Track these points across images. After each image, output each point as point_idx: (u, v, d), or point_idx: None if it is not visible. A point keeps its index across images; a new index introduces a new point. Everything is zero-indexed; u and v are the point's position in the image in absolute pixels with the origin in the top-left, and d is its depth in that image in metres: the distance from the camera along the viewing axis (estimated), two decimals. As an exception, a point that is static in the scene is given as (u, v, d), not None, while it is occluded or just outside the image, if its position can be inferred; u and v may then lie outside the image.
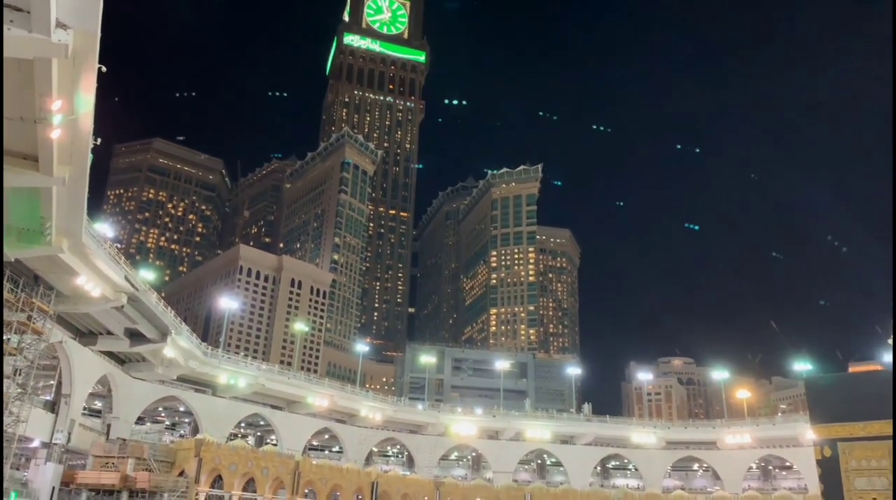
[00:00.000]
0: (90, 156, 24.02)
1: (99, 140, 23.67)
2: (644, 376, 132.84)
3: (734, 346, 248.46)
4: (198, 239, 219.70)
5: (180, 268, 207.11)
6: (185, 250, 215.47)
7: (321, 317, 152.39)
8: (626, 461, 74.78)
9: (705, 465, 73.03)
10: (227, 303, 74.10)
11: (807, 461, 44.35)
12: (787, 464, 68.58)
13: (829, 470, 17.73)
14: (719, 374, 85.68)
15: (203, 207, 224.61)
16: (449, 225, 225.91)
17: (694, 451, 72.29)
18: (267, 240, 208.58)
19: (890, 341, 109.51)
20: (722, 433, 71.45)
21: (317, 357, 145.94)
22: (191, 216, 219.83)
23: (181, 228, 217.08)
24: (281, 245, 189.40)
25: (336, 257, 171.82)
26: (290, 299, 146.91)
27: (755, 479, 72.05)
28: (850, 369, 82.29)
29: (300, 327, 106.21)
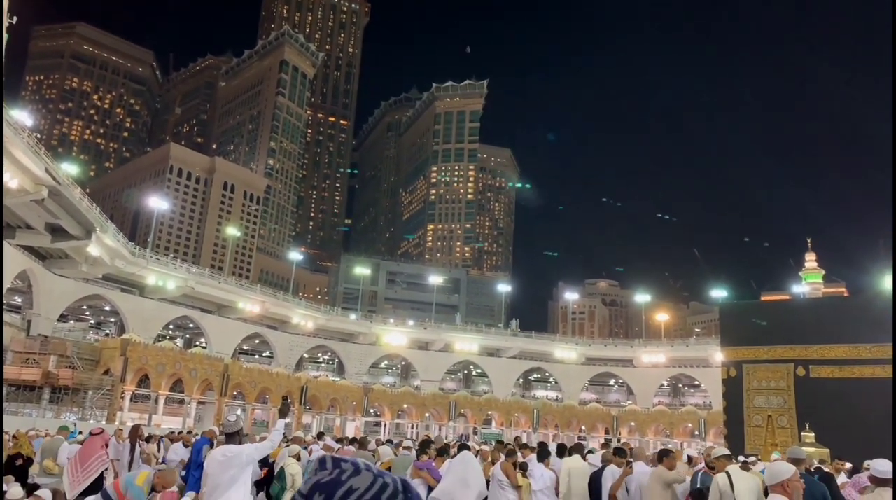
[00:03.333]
0: (5, 35, 22.21)
1: (15, 19, 21.85)
2: (570, 295, 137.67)
3: (658, 272, 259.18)
4: (126, 135, 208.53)
5: (107, 164, 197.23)
6: (111, 145, 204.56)
7: (254, 223, 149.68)
8: (547, 374, 78.38)
9: (621, 381, 77.36)
10: (157, 203, 71.71)
11: (713, 381, 47.63)
12: (696, 383, 73.37)
13: (733, 389, 19.03)
14: (641, 297, 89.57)
15: (132, 101, 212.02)
16: (390, 137, 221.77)
17: (611, 368, 76.36)
18: (199, 140, 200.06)
19: (801, 274, 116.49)
20: (639, 351, 75.59)
21: (249, 263, 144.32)
22: (118, 110, 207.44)
23: (108, 122, 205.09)
24: (214, 146, 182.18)
25: (272, 162, 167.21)
26: (223, 203, 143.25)
27: (665, 395, 77.04)
28: (762, 298, 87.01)
29: (232, 231, 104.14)
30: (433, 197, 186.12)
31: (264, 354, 71.21)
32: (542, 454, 9.98)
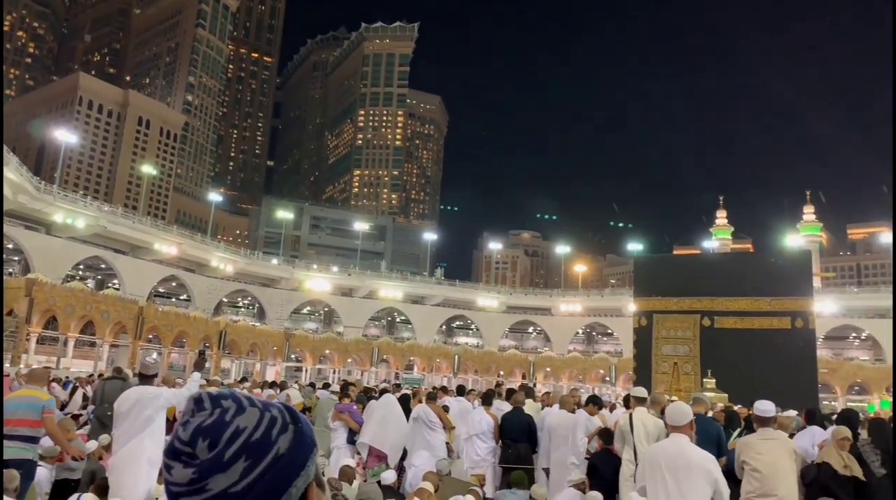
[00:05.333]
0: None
1: None
2: (494, 246, 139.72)
3: (578, 225, 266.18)
4: (28, 61, 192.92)
5: (8, 92, 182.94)
6: (13, 71, 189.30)
7: (171, 161, 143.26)
8: (469, 321, 79.97)
9: (539, 328, 79.84)
10: (65, 136, 67.37)
11: (625, 329, 49.87)
12: (609, 331, 76.58)
13: (643, 337, 19.97)
14: (562, 248, 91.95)
15: (35, 25, 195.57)
16: (316, 77, 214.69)
17: (531, 316, 78.62)
18: (111, 71, 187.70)
19: (712, 230, 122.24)
20: (557, 301, 78.10)
21: (165, 203, 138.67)
22: (20, 33, 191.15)
23: (8, 46, 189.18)
24: (128, 78, 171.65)
25: (190, 97, 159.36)
26: (137, 139, 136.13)
27: (580, 343, 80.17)
28: (674, 252, 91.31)
29: (147, 169, 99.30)
30: (360, 142, 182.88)
31: (182, 297, 69.29)
32: (487, 399, 10.27)
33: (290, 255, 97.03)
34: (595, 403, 9.85)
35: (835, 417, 10.72)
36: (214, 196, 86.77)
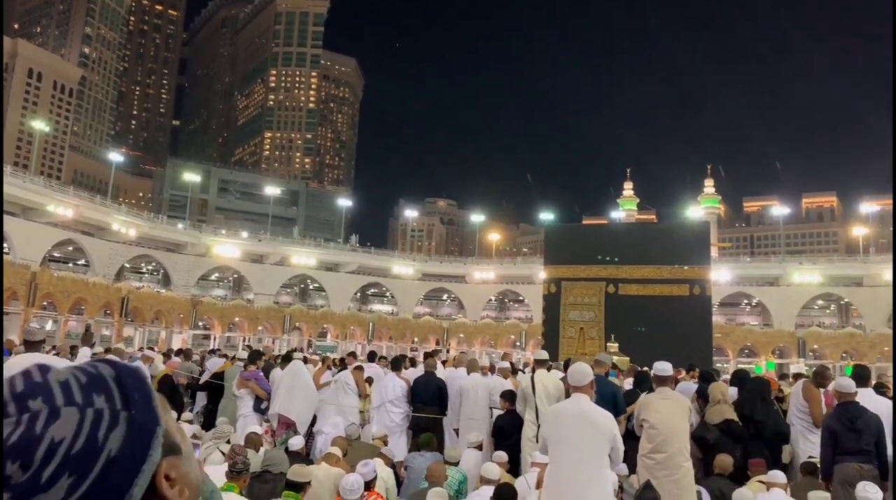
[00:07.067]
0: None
1: None
2: (410, 213, 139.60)
3: (493, 194, 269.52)
4: None
5: None
6: None
7: (66, 118, 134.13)
8: (384, 289, 79.92)
9: (453, 295, 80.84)
10: (-59, 86, 61.65)
11: (536, 296, 51.24)
12: (521, 298, 78.45)
13: (552, 304, 20.58)
14: (476, 217, 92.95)
15: None
16: (225, 33, 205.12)
17: (445, 283, 79.42)
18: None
19: (619, 201, 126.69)
20: (471, 268, 79.18)
21: (61, 163, 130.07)
22: None
23: None
24: (16, 27, 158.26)
25: (87, 50, 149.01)
26: (27, 93, 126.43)
27: (493, 309, 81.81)
28: (584, 222, 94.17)
29: (39, 125, 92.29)
30: (272, 103, 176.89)
31: (79, 262, 65.50)
32: (396, 365, 10.31)
33: (196, 219, 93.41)
34: (511, 368, 10.12)
35: (728, 377, 11.48)
36: (115, 156, 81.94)
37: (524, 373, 12.23)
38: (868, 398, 6.81)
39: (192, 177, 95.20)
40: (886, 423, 6.36)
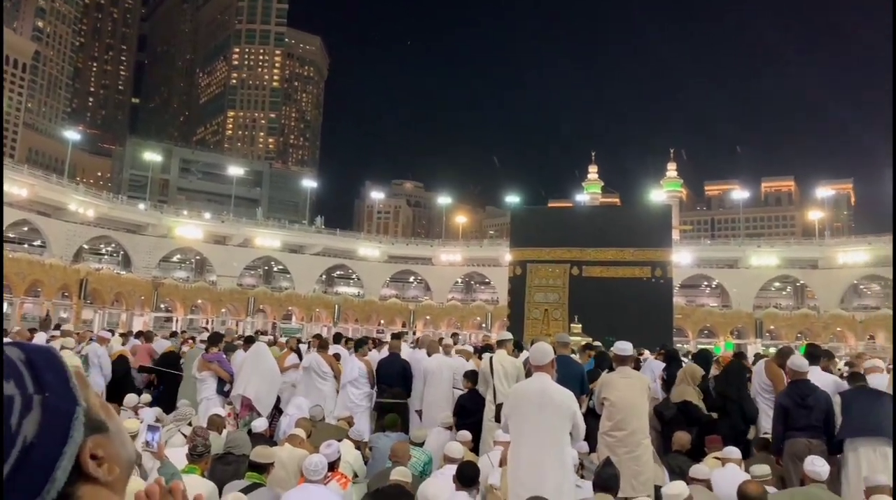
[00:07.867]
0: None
1: None
2: (377, 195, 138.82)
3: (460, 176, 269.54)
4: None
5: None
6: None
7: (20, 94, 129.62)
8: (350, 271, 79.54)
9: (420, 278, 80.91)
10: None
11: (501, 279, 51.67)
12: (487, 280, 78.88)
13: (517, 286, 20.77)
14: (443, 199, 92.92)
15: None
16: (186, 9, 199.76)
17: (412, 265, 79.41)
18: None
19: (583, 184, 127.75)
20: (438, 251, 79.26)
21: (14, 140, 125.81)
22: None
23: None
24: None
25: (41, 23, 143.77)
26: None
27: (459, 291, 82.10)
28: (549, 205, 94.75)
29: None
30: (234, 81, 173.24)
31: (35, 243, 63.70)
32: (358, 346, 10.36)
33: (157, 200, 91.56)
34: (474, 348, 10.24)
35: (691, 356, 11.76)
36: (72, 134, 79.49)
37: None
38: (817, 376, 7.06)
39: (152, 156, 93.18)
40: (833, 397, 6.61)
